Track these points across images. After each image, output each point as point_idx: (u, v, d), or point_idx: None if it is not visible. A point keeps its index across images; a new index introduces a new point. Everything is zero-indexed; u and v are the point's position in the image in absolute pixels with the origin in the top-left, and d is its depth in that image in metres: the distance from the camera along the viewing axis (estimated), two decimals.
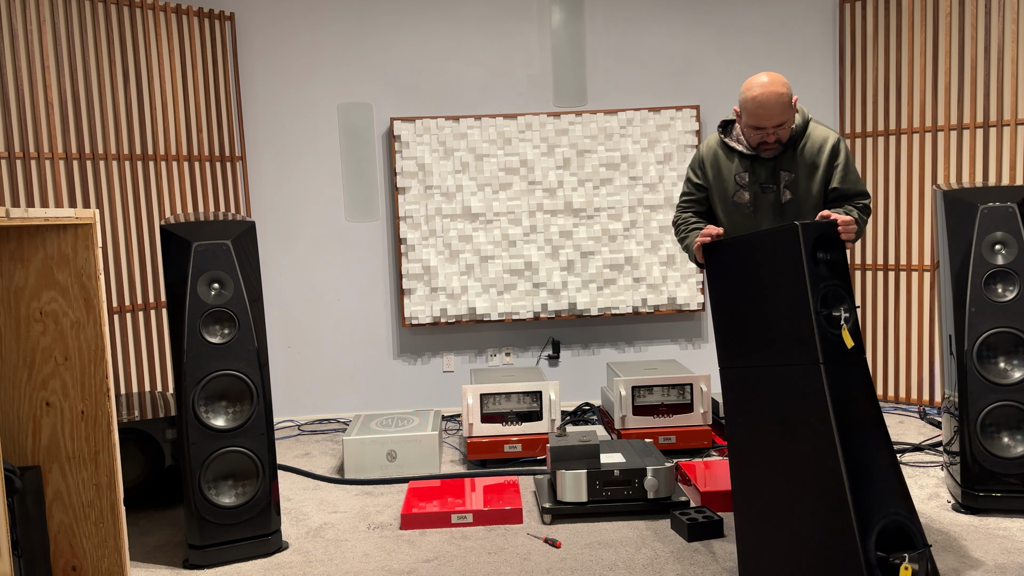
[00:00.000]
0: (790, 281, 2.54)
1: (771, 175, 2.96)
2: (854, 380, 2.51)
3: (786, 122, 2.84)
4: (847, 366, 2.51)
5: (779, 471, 2.60)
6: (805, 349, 2.49)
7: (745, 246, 2.71)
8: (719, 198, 3.08)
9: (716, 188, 3.08)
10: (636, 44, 5.22)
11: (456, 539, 3.38)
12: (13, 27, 4.14)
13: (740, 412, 2.74)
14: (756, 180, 2.97)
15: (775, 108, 2.77)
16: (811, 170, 2.92)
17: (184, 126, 4.83)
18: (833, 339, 2.50)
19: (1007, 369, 3.34)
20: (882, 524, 2.41)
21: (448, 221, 5.11)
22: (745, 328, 2.70)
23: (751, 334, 2.68)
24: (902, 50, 4.91)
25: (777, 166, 2.94)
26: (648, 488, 3.48)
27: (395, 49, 5.16)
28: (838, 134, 2.97)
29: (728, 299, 2.78)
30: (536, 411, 4.27)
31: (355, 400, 5.32)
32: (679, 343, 5.38)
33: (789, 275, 2.54)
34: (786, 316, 2.55)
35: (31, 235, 2.67)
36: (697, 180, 3.14)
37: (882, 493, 2.44)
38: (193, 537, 3.20)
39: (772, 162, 2.95)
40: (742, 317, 2.71)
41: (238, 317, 3.22)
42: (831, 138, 2.95)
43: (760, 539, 2.68)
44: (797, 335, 2.52)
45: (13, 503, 2.55)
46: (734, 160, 3.01)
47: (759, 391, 2.66)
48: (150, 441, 3.79)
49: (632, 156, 5.13)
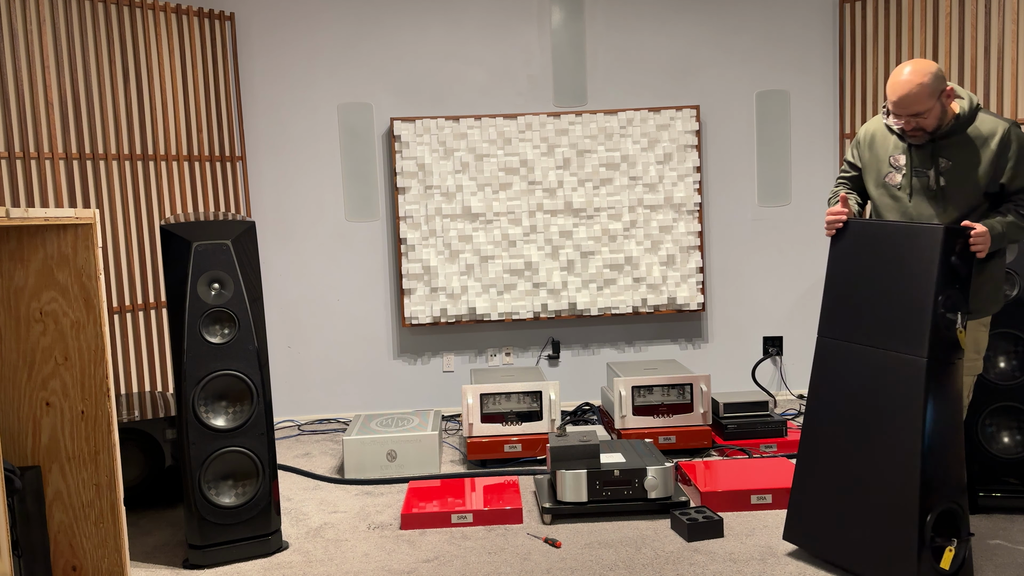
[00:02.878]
0: (919, 277, 2.72)
1: (927, 160, 2.89)
2: (948, 379, 2.75)
3: (924, 112, 2.77)
4: (947, 365, 2.74)
5: (853, 440, 2.87)
6: (915, 341, 2.72)
7: (885, 232, 2.84)
8: (872, 177, 3.05)
9: (871, 167, 3.05)
10: (636, 44, 5.22)
11: (456, 539, 3.38)
12: (13, 27, 4.13)
13: (825, 380, 2.98)
14: (910, 164, 2.93)
15: (909, 97, 2.76)
16: (973, 160, 2.82)
17: (184, 126, 4.83)
18: (943, 339, 2.71)
19: (1007, 369, 3.35)
20: (941, 509, 2.70)
21: (448, 221, 5.11)
22: (857, 307, 2.88)
23: (862, 314, 2.86)
24: (902, 50, 4.91)
25: (936, 152, 2.87)
26: (648, 488, 3.48)
27: (395, 49, 5.16)
28: (1010, 123, 2.82)
29: (848, 275, 2.93)
30: (536, 411, 4.27)
31: (355, 400, 5.32)
32: (679, 343, 5.38)
33: (920, 271, 2.72)
34: (905, 307, 2.74)
35: (31, 235, 2.67)
36: (852, 159, 3.14)
37: (947, 482, 2.73)
38: (193, 537, 3.20)
39: (930, 147, 2.88)
40: (858, 296, 2.88)
41: (238, 317, 3.22)
42: (1000, 129, 2.82)
43: (815, 498, 2.98)
44: (911, 327, 2.73)
45: (13, 503, 2.55)
46: (891, 141, 2.99)
47: (851, 365, 2.89)
48: (150, 441, 3.79)
49: (632, 156, 5.13)
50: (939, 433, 2.71)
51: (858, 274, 2.89)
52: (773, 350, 5.36)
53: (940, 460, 2.71)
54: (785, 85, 5.26)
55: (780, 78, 5.26)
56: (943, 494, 2.72)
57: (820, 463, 2.99)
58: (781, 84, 5.26)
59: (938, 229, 2.69)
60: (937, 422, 2.70)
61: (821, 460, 2.98)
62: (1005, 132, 2.81)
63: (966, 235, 2.73)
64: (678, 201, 5.16)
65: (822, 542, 2.99)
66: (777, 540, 3.23)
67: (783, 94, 5.26)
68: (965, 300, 2.76)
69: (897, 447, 2.74)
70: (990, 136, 2.82)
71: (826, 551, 2.97)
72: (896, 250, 2.78)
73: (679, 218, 5.17)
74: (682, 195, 5.15)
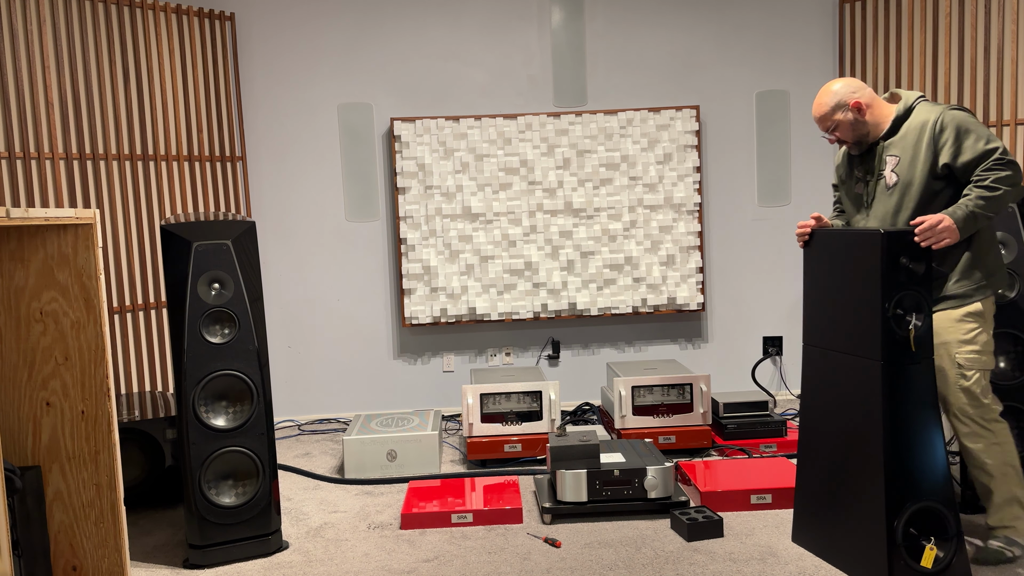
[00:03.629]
0: (867, 281, 2.78)
1: (880, 163, 3.06)
2: (912, 380, 2.77)
3: (832, 126, 3.04)
4: (907, 367, 2.76)
5: (836, 445, 2.95)
6: (870, 345, 2.77)
7: (835, 239, 2.94)
8: (845, 194, 3.23)
9: (845, 186, 3.24)
10: (636, 44, 5.22)
11: (456, 539, 3.38)
12: (13, 27, 4.14)
13: (812, 386, 3.08)
14: (864, 170, 3.11)
15: (816, 115, 3.08)
16: (915, 152, 2.94)
17: (184, 126, 4.83)
18: (897, 340, 2.74)
19: (1007, 369, 3.35)
20: (915, 508, 2.73)
21: (448, 221, 5.11)
22: (828, 314, 2.98)
23: (832, 320, 2.96)
24: (902, 50, 4.91)
25: (883, 153, 3.04)
26: (648, 488, 3.48)
27: (395, 49, 5.16)
28: (945, 107, 2.91)
29: (818, 283, 3.03)
30: (536, 411, 4.27)
31: (355, 400, 5.32)
32: (679, 343, 5.38)
33: (866, 276, 2.78)
34: (860, 313, 2.81)
35: (31, 235, 2.67)
36: (835, 182, 3.32)
37: (920, 481, 2.76)
38: (193, 537, 3.20)
39: (879, 150, 3.05)
40: (827, 303, 2.98)
41: (238, 317, 3.22)
42: (933, 115, 2.91)
43: (814, 501, 3.06)
44: (866, 332, 2.79)
45: (13, 503, 2.55)
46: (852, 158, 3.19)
47: (829, 371, 2.98)
48: (150, 441, 3.79)
49: (632, 156, 5.13)
50: (904, 433, 2.75)
51: (824, 282, 3.00)
52: (773, 350, 5.36)
53: (907, 460, 2.75)
54: (785, 85, 5.26)
55: (780, 78, 5.26)
56: (915, 493, 2.74)
57: (815, 467, 3.07)
58: (781, 84, 5.26)
59: (876, 234, 2.73)
60: (902, 423, 2.74)
61: (815, 464, 3.06)
62: (938, 116, 2.89)
63: (911, 235, 2.76)
64: (678, 201, 5.16)
65: (822, 544, 3.04)
66: (777, 540, 3.23)
67: (783, 94, 5.26)
68: (926, 300, 2.77)
69: (866, 448, 2.82)
70: (925, 123, 2.92)
71: (825, 553, 3.02)
72: (848, 256, 2.87)
73: (679, 218, 5.17)
74: (682, 195, 5.15)
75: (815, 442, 3.06)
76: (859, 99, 3.00)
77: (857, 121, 3.02)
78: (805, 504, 3.12)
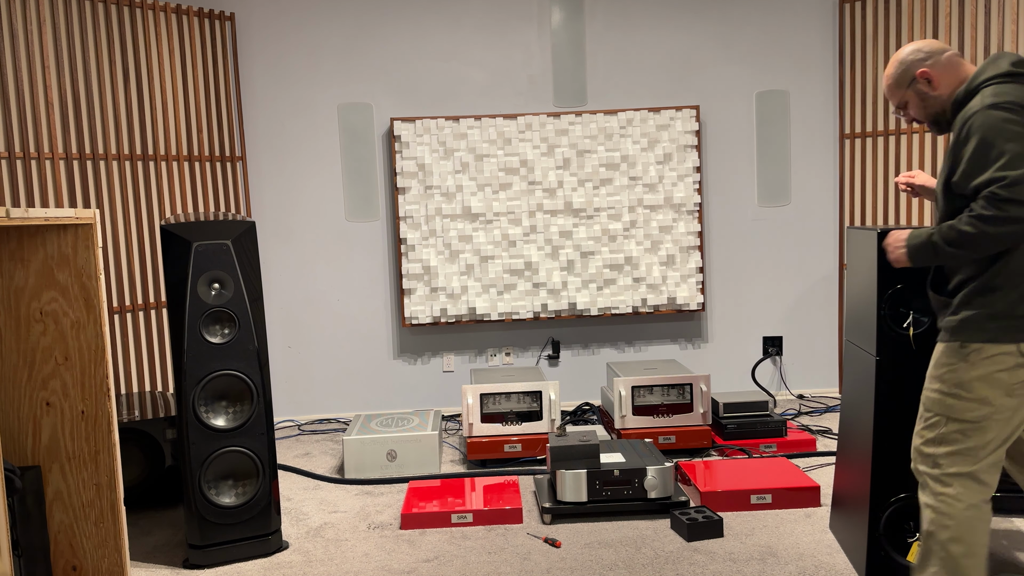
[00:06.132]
0: (868, 279, 2.86)
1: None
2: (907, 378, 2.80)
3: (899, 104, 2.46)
4: (902, 363, 2.80)
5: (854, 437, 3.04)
6: (870, 341, 2.87)
7: (858, 238, 3.00)
8: None
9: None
10: (636, 44, 5.22)
11: (456, 539, 3.38)
12: (13, 27, 4.14)
13: (848, 380, 3.16)
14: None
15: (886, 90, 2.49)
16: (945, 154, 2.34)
17: (184, 126, 4.83)
18: (891, 337, 2.79)
19: None
20: (901, 503, 2.80)
21: (448, 221, 5.11)
22: (852, 310, 3.08)
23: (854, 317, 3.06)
24: None
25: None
26: (648, 488, 3.48)
27: (395, 49, 5.16)
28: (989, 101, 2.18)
29: (850, 281, 3.12)
30: (536, 411, 4.27)
31: (355, 400, 5.32)
32: (679, 343, 5.38)
33: (868, 275, 2.87)
34: (865, 309, 2.91)
35: (31, 235, 2.67)
36: None
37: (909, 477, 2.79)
38: (193, 537, 3.20)
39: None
40: (853, 300, 3.08)
41: (238, 317, 3.22)
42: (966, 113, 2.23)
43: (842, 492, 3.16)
44: (867, 327, 2.89)
45: (13, 503, 2.55)
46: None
47: (854, 364, 3.07)
48: (150, 441, 3.79)
49: (632, 156, 5.13)
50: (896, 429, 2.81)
51: (852, 279, 3.09)
52: (773, 350, 5.36)
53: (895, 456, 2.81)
54: (785, 85, 5.26)
55: (780, 78, 5.26)
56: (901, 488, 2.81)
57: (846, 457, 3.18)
58: (781, 84, 5.26)
59: (872, 234, 2.80)
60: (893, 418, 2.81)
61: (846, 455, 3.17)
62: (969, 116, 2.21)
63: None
64: (678, 201, 5.16)
65: (843, 534, 3.15)
66: (777, 540, 3.23)
67: (783, 94, 5.26)
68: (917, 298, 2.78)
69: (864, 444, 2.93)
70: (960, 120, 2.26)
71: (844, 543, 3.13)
72: (861, 255, 2.97)
73: (679, 218, 5.17)
74: (682, 195, 5.15)
75: (849, 435, 3.14)
76: (927, 69, 2.35)
77: (927, 96, 2.37)
78: (840, 494, 3.21)
